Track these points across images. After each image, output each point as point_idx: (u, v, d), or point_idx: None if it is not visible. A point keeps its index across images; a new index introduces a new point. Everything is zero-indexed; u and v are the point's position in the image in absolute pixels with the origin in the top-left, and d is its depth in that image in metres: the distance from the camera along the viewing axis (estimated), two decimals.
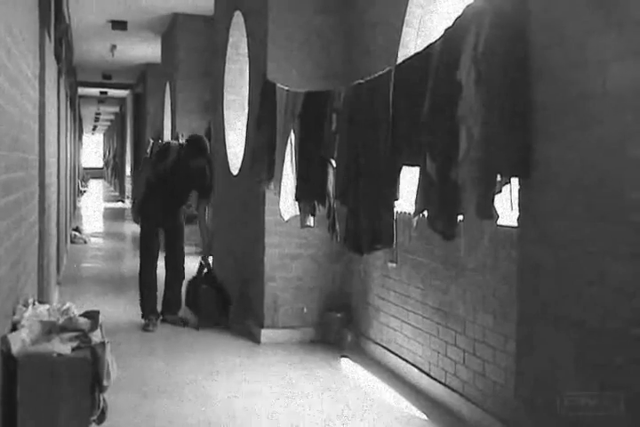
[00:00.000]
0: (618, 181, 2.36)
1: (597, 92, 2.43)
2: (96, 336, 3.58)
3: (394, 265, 4.73)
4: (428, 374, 4.45)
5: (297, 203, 5.03)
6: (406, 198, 4.25)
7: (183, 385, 4.60)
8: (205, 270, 6.45)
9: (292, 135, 5.09)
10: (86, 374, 3.36)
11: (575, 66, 2.53)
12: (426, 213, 3.35)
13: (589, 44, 2.47)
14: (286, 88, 5.21)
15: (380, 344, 5.19)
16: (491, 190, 2.84)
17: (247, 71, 6.69)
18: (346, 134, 4.29)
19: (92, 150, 49.25)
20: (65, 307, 3.88)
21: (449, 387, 4.19)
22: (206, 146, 6.36)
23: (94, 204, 24.16)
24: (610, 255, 2.39)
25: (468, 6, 3.03)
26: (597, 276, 2.45)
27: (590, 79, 2.46)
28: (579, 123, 2.54)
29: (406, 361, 4.75)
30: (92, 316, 3.79)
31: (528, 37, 2.74)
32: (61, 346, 3.38)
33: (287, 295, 5.78)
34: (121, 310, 6.83)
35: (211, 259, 6.74)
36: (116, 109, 28.17)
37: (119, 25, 11.63)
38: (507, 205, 3.44)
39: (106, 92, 22.13)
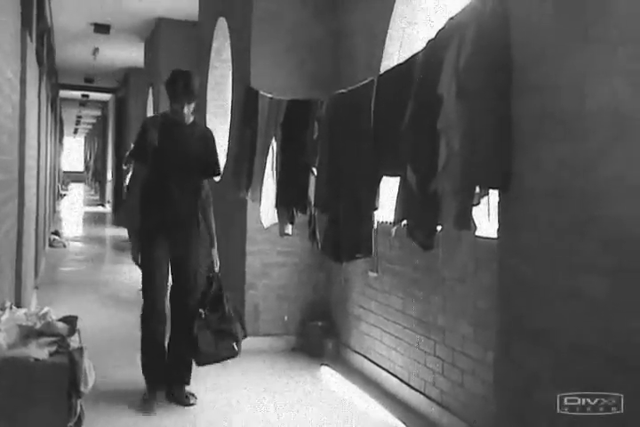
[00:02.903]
0: (594, 196, 2.38)
1: (575, 108, 2.46)
2: (74, 342, 3.55)
3: (375, 274, 4.74)
4: (407, 384, 4.45)
5: (276, 210, 5.03)
6: (387, 207, 4.26)
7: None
8: (213, 289, 4.45)
9: (274, 143, 5.09)
10: (63, 380, 3.33)
11: (554, 82, 2.55)
12: (405, 222, 3.37)
13: (568, 60, 2.49)
14: (269, 95, 5.21)
15: (360, 353, 5.19)
16: (469, 202, 2.86)
17: (230, 77, 6.68)
18: (328, 143, 4.30)
19: (73, 154, 48.93)
20: (43, 311, 3.84)
21: (428, 397, 4.19)
22: (193, 83, 4.36)
23: (74, 207, 24.01)
24: (584, 269, 2.41)
25: (450, 19, 3.05)
26: (573, 289, 2.47)
27: (568, 96, 2.48)
28: (557, 138, 2.56)
29: (386, 370, 4.75)
30: (70, 321, 3.75)
31: (509, 53, 2.76)
32: (39, 351, 3.35)
33: (268, 303, 5.76)
34: (101, 315, 6.77)
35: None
36: (98, 113, 28.02)
37: (102, 28, 11.60)
38: (486, 217, 3.46)
39: (88, 95, 22.01)
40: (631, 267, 2.22)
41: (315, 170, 4.51)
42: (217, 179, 5.75)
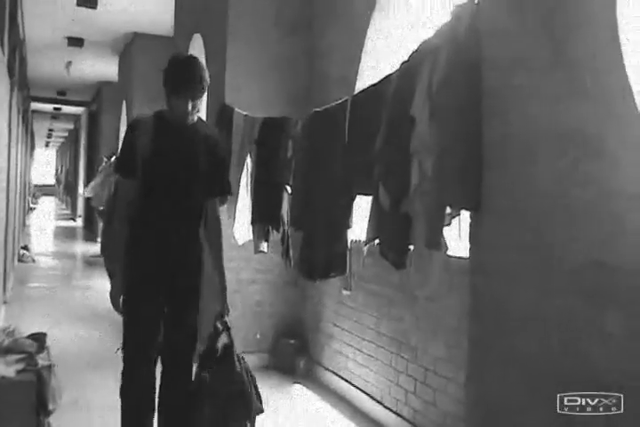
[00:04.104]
0: (562, 218, 2.42)
1: (542, 131, 2.50)
2: (42, 359, 3.51)
3: (348, 292, 4.73)
4: (379, 403, 4.45)
5: (251, 227, 5.03)
6: (361, 226, 4.28)
7: None
8: (221, 344, 3.41)
9: (249, 160, 5.10)
10: (31, 398, 3.29)
11: (523, 105, 2.60)
12: (377, 241, 3.39)
13: (537, 84, 2.53)
14: (244, 113, 5.23)
15: (332, 371, 5.18)
16: (440, 222, 2.89)
17: (205, 94, 6.68)
18: (302, 161, 4.32)
19: (45, 167, 48.44)
20: (10, 328, 3.79)
21: (400, 416, 4.19)
22: (202, 71, 3.30)
23: (45, 222, 23.72)
24: (553, 290, 2.45)
25: (423, 42, 3.10)
26: (542, 310, 2.50)
27: (537, 119, 2.53)
28: (526, 160, 2.60)
29: (359, 389, 4.75)
30: (39, 338, 3.71)
31: (480, 77, 2.81)
32: (6, 369, 3.31)
33: (242, 320, 5.73)
34: (70, 332, 6.68)
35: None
36: (70, 126, 27.81)
37: (76, 42, 11.56)
38: (457, 236, 3.49)
39: (60, 108, 21.86)
40: (596, 289, 2.26)
41: (289, 188, 4.52)
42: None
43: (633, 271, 2.15)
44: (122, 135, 12.77)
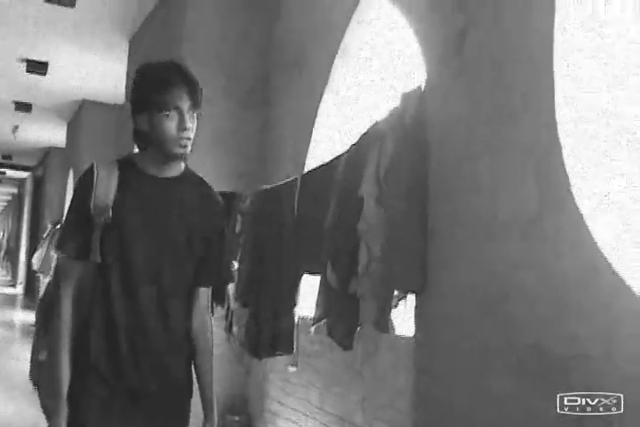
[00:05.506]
0: (503, 300, 2.47)
1: (486, 212, 2.58)
2: None
3: (294, 369, 4.67)
4: None
5: None
6: (310, 302, 4.26)
7: None
8: None
9: None
10: None
11: (467, 191, 2.68)
12: (325, 321, 3.38)
13: (480, 167, 2.62)
14: None
15: None
16: (388, 305, 2.91)
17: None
18: (250, 237, 4.32)
19: None
20: None
21: None
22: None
23: None
24: (493, 371, 2.47)
25: (373, 125, 3.18)
26: (485, 389, 2.51)
27: (481, 206, 2.61)
28: (469, 245, 2.66)
29: None
30: None
31: (426, 160, 2.89)
32: None
33: None
34: (6, 408, 6.39)
35: None
36: (14, 190, 27.35)
37: (23, 107, 11.51)
38: (405, 316, 3.51)
39: (4, 172, 21.54)
40: (535, 368, 2.28)
41: (235, 263, 4.50)
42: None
43: (568, 356, 2.19)
44: (67, 202, 12.62)
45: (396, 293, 2.90)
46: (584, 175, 2.26)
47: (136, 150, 2.20)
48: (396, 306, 2.92)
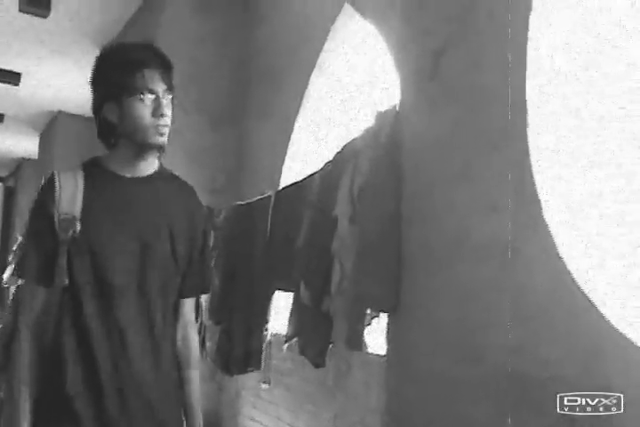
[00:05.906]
0: (473, 323, 2.48)
1: (455, 239, 2.59)
2: None
3: (266, 386, 4.64)
4: None
5: None
6: (282, 319, 4.24)
7: None
8: None
9: None
10: None
11: (440, 215, 2.69)
12: (297, 339, 3.36)
13: (452, 194, 2.63)
14: None
15: None
16: (360, 323, 2.91)
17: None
18: (223, 253, 4.29)
19: None
20: None
21: None
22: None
23: None
24: (465, 394, 2.47)
25: (348, 143, 3.19)
26: (455, 412, 2.51)
27: (453, 230, 2.62)
28: (442, 266, 2.67)
29: None
30: None
31: (400, 182, 2.90)
32: None
33: None
34: None
35: None
36: None
37: None
38: (377, 334, 3.50)
39: None
40: (504, 395, 2.29)
41: None
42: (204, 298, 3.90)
43: (543, 378, 2.20)
44: None
45: (368, 311, 2.89)
46: (557, 201, 2.28)
47: None
48: (368, 324, 2.91)
